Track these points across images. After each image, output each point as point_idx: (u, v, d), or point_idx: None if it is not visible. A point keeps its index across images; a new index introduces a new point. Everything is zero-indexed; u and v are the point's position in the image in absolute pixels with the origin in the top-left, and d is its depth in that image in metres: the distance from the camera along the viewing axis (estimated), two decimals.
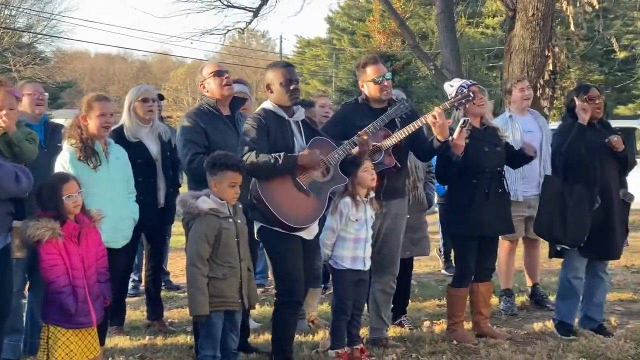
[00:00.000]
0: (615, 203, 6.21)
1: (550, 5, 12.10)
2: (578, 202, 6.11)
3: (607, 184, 6.19)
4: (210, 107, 5.80)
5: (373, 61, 5.92)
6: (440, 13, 15.57)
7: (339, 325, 5.55)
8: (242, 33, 20.18)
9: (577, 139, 6.12)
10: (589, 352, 5.76)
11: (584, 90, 6.40)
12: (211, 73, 5.84)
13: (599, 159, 6.17)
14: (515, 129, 7.29)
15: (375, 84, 5.85)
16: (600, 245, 6.19)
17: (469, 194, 6.06)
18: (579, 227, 6.11)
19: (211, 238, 4.88)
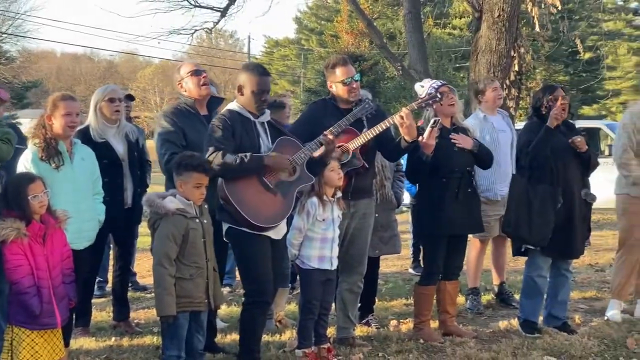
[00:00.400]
0: (577, 203, 6.29)
1: (515, 7, 12.20)
2: (542, 202, 6.18)
3: (569, 184, 6.26)
4: (188, 107, 5.81)
5: (342, 62, 5.94)
6: (407, 14, 15.62)
7: (306, 324, 5.57)
8: (209, 33, 20.10)
9: (543, 140, 6.18)
10: (553, 349, 5.83)
11: (549, 90, 6.47)
12: (189, 72, 5.86)
13: (562, 159, 6.24)
14: (491, 129, 7.36)
15: (344, 85, 5.87)
16: (561, 244, 6.26)
17: (439, 193, 6.10)
18: (543, 227, 6.17)
19: (178, 238, 4.86)
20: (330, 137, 5.39)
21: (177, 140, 5.60)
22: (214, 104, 5.96)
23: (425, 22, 21.50)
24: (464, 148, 6.17)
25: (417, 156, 5.93)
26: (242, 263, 5.25)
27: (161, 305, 4.84)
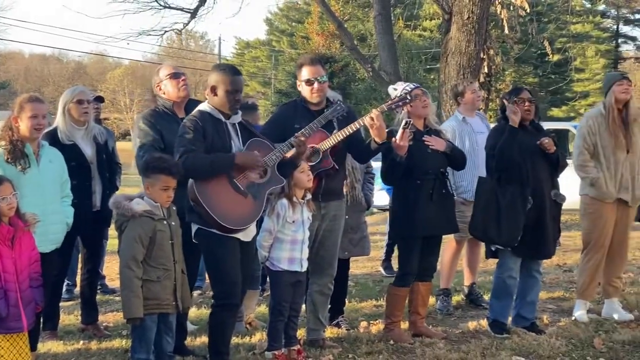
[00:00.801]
0: (547, 203, 6.33)
1: (485, 9, 12.29)
2: (511, 203, 6.22)
3: (539, 185, 6.30)
4: (166, 109, 5.78)
5: (309, 62, 5.94)
6: (377, 15, 15.68)
7: (276, 326, 5.56)
8: (179, 34, 20.03)
9: (508, 141, 6.22)
10: (521, 349, 5.87)
11: (515, 92, 6.51)
12: (168, 75, 5.84)
13: (530, 160, 6.29)
14: (470, 131, 7.42)
15: (307, 85, 5.88)
16: (532, 245, 6.31)
17: (414, 195, 6.12)
18: (512, 228, 6.21)
19: (145, 240, 4.84)
20: (302, 139, 5.39)
21: (155, 143, 5.59)
22: (192, 107, 5.92)
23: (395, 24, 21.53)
24: (438, 150, 6.20)
25: (391, 158, 5.94)
26: (211, 265, 5.23)
27: (128, 307, 4.81)
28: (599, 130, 6.78)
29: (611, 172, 6.77)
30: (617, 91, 6.77)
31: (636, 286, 8.31)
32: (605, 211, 6.81)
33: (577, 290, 7.04)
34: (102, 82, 64.80)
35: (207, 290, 8.03)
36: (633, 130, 6.81)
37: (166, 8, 18.48)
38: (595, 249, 6.84)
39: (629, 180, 6.80)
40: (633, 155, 6.82)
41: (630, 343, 6.01)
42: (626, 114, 6.79)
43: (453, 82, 12.13)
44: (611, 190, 6.76)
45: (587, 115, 7.00)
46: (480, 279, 8.33)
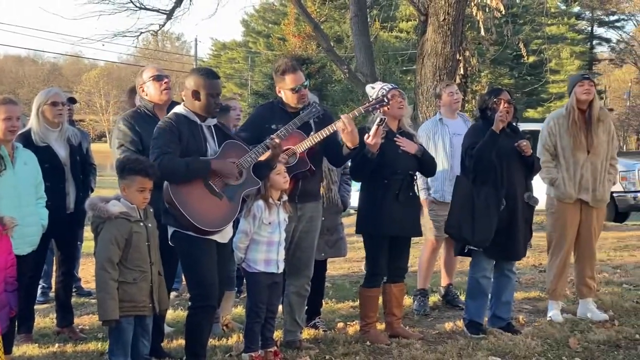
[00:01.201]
0: (519, 205, 6.36)
1: (460, 11, 12.34)
2: (485, 204, 6.25)
3: (513, 186, 6.33)
4: (148, 111, 5.75)
5: (291, 70, 5.91)
6: (353, 17, 15.71)
7: (253, 328, 5.55)
8: (155, 35, 19.95)
9: (488, 144, 6.23)
10: (497, 349, 5.89)
11: (495, 93, 6.54)
12: (151, 77, 5.82)
13: (506, 162, 6.32)
14: (445, 132, 7.44)
15: (293, 93, 5.88)
16: (504, 246, 6.34)
17: (380, 194, 6.14)
18: (485, 229, 6.24)
19: (121, 242, 4.82)
20: (277, 141, 5.38)
21: (134, 144, 5.56)
22: None
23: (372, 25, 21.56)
24: (408, 152, 6.22)
25: (362, 154, 5.95)
26: (188, 267, 5.21)
27: (103, 309, 4.79)
28: (560, 132, 6.83)
29: (570, 173, 6.81)
30: (579, 92, 6.81)
31: (611, 286, 8.38)
32: (566, 211, 6.86)
33: (547, 291, 7.08)
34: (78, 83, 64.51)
35: (183, 292, 8.00)
36: (596, 131, 6.83)
37: (142, 9, 18.42)
38: (558, 248, 6.89)
39: (589, 181, 6.82)
40: (595, 156, 6.84)
41: (606, 343, 6.05)
42: (589, 115, 6.83)
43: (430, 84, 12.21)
44: (570, 191, 6.80)
45: (550, 116, 7.07)
46: (457, 280, 8.36)
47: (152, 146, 5.11)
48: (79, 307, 7.76)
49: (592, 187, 6.84)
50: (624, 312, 7.05)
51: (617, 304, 7.33)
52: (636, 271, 9.40)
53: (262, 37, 53.53)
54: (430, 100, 12.37)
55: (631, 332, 6.29)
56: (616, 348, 5.95)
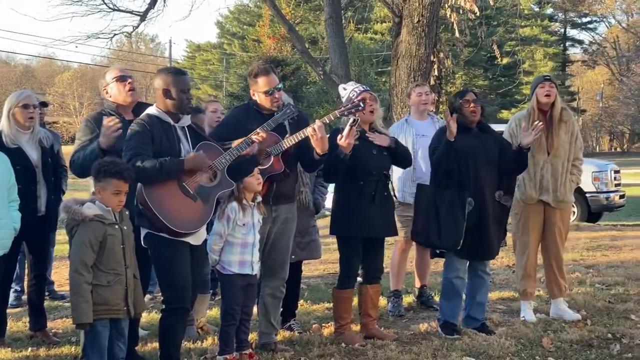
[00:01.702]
0: (489, 205, 6.39)
1: (434, 12, 12.40)
2: (450, 207, 6.27)
3: (481, 186, 6.34)
4: (112, 112, 5.71)
5: (265, 72, 5.92)
6: (328, 18, 15.74)
7: (227, 330, 5.54)
8: (129, 37, 19.85)
9: (445, 153, 6.25)
10: (471, 350, 5.92)
11: (460, 94, 6.57)
12: (114, 78, 5.76)
13: (473, 162, 6.33)
14: (409, 133, 7.45)
15: (267, 96, 5.87)
16: (475, 246, 6.36)
17: (356, 195, 6.15)
18: (452, 232, 6.26)
19: (96, 244, 4.79)
20: (264, 135, 5.39)
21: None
22: (142, 110, 5.85)
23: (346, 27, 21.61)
24: (382, 151, 6.24)
25: (335, 154, 5.96)
26: (161, 269, 5.18)
27: (77, 312, 4.75)
28: (520, 133, 6.86)
29: (530, 174, 6.84)
30: (539, 94, 6.85)
31: (584, 286, 8.45)
32: (528, 213, 6.90)
33: (517, 292, 7.12)
34: (51, 85, 64.05)
35: (158, 294, 7.96)
36: (557, 132, 6.86)
37: (115, 11, 18.33)
38: (522, 250, 6.94)
39: (550, 182, 6.86)
40: (556, 158, 6.87)
41: (578, 342, 6.10)
42: (550, 116, 6.88)
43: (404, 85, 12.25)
44: (530, 192, 6.84)
45: (513, 118, 7.09)
46: (431, 280, 8.39)
47: (125, 148, 5.09)
48: (53, 310, 7.71)
49: (552, 188, 6.86)
50: (596, 312, 7.10)
51: (589, 303, 7.39)
52: (608, 271, 9.49)
53: (237, 38, 53.43)
54: (404, 101, 12.40)
55: (603, 332, 6.34)
56: (589, 347, 6.00)
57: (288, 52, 36.90)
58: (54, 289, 8.64)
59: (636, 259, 10.48)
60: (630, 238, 13.22)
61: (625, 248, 11.90)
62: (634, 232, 14.35)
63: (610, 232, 14.23)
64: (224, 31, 58.64)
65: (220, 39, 59.40)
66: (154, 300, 8.03)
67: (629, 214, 19.48)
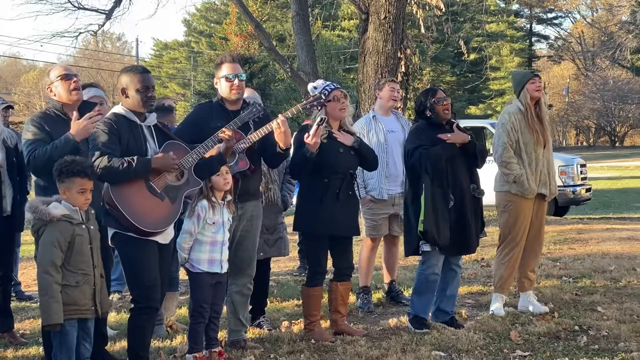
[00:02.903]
0: (467, 199, 6.44)
1: (401, 9, 12.40)
2: (438, 204, 6.30)
3: (458, 182, 6.40)
4: (57, 112, 5.64)
5: (229, 60, 5.93)
6: (295, 16, 15.69)
7: (196, 328, 5.53)
8: (95, 36, 19.70)
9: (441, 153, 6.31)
10: (440, 344, 5.96)
11: (431, 93, 6.60)
12: (59, 76, 5.67)
13: (449, 160, 6.37)
14: (379, 129, 7.46)
15: (227, 81, 5.85)
16: (456, 241, 6.40)
17: (321, 193, 6.16)
18: (444, 228, 6.30)
19: (64, 245, 4.76)
20: (230, 133, 5.38)
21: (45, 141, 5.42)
22: (87, 109, 5.80)
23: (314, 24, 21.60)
24: (349, 150, 6.25)
25: (302, 152, 5.96)
26: (129, 269, 5.16)
27: (48, 313, 4.72)
28: (520, 127, 6.92)
29: (532, 168, 6.92)
30: (531, 89, 6.92)
31: (551, 279, 8.53)
32: (525, 207, 6.96)
33: (494, 284, 7.17)
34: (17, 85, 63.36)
35: (127, 294, 7.92)
36: (546, 126, 7.02)
37: (80, 9, 18.17)
38: (514, 243, 6.98)
39: (546, 175, 6.98)
40: (548, 151, 7.01)
41: (546, 335, 6.16)
42: (539, 111, 6.96)
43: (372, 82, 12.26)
44: (533, 186, 6.91)
45: (508, 112, 7.07)
46: (400, 276, 8.44)
47: (92, 147, 5.06)
48: (20, 311, 7.64)
49: (548, 180, 6.99)
50: (563, 304, 7.18)
51: (556, 296, 7.47)
52: (575, 264, 9.58)
53: (204, 36, 53.22)
54: (372, 98, 12.42)
55: (570, 324, 6.40)
56: (556, 339, 6.06)
57: (255, 50, 36.81)
58: (20, 289, 8.57)
59: (602, 252, 10.60)
60: (596, 231, 13.36)
61: (592, 241, 12.02)
62: (600, 225, 14.50)
63: (577, 225, 14.37)
64: (191, 29, 58.35)
65: (187, 37, 59.11)
66: (123, 299, 7.98)
67: (596, 207, 19.68)
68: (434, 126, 6.44)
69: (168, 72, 58.21)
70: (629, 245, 11.34)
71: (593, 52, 61.06)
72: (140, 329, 5.17)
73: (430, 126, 6.48)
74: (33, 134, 5.49)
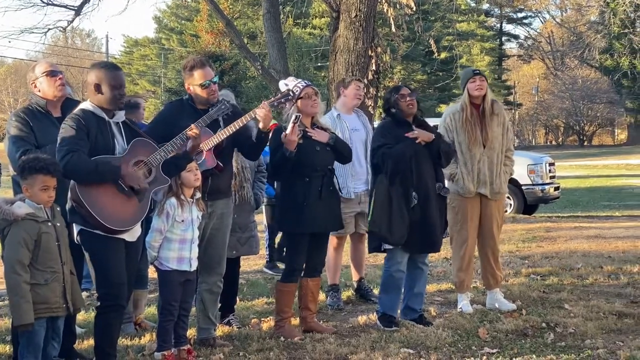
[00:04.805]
0: (432, 198, 6.47)
1: (372, 7, 12.43)
2: (398, 202, 6.33)
3: (423, 180, 6.42)
4: (40, 108, 5.60)
5: (200, 65, 5.87)
6: (266, 13, 15.68)
7: (165, 326, 5.51)
8: (64, 32, 19.55)
9: (403, 151, 6.32)
10: (409, 341, 5.98)
11: (395, 90, 6.62)
12: (44, 72, 5.63)
13: (414, 158, 6.40)
14: (344, 128, 7.45)
15: (203, 88, 5.83)
16: (420, 240, 6.44)
17: (303, 192, 6.17)
18: (400, 227, 6.32)
19: (31, 243, 4.71)
20: (197, 131, 5.35)
21: (29, 139, 5.42)
22: (69, 106, 5.77)
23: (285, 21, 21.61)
24: (325, 147, 6.26)
25: (281, 152, 5.97)
26: (96, 266, 5.11)
27: (19, 314, 4.67)
28: (456, 127, 6.94)
29: (468, 168, 6.95)
30: (471, 88, 6.97)
31: (519, 277, 8.60)
32: (465, 206, 7.00)
33: (454, 284, 7.21)
34: None
35: (95, 291, 7.86)
36: (491, 124, 6.99)
37: (49, 5, 18.03)
38: (460, 242, 7.03)
39: (487, 175, 6.98)
40: (491, 150, 6.99)
41: (513, 332, 6.21)
42: (482, 109, 6.99)
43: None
44: (469, 186, 6.94)
45: (446, 112, 7.14)
46: (370, 273, 8.46)
47: (59, 143, 4.99)
48: None
49: (489, 180, 6.99)
50: (531, 302, 7.24)
51: (524, 293, 7.53)
52: (543, 262, 9.67)
53: (175, 33, 53.00)
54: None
55: (538, 321, 6.46)
56: (523, 336, 6.11)
57: (226, 47, 36.73)
58: None
59: (570, 250, 10.70)
60: (564, 229, 13.49)
61: (560, 239, 12.14)
62: (568, 223, 14.65)
63: (545, 223, 14.50)
64: (161, 26, 58.09)
65: (158, 34, 58.83)
66: (91, 297, 7.93)
67: (564, 205, 19.86)
68: (400, 123, 6.46)
69: (138, 69, 57.94)
70: (596, 243, 11.46)
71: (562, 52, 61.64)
72: (108, 327, 5.14)
73: (396, 124, 6.49)
74: (18, 130, 5.47)
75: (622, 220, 15.47)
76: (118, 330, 5.28)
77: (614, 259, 9.66)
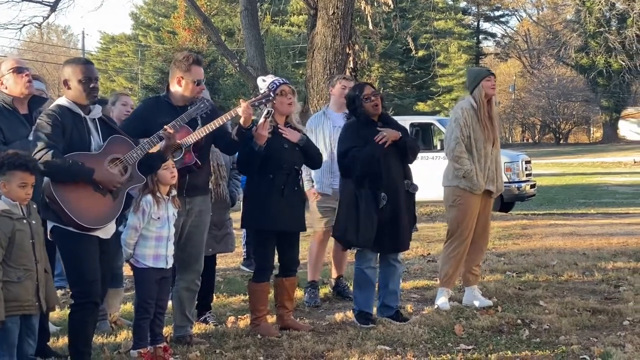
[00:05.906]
0: (401, 197, 6.48)
1: (349, 5, 12.47)
2: (366, 206, 6.33)
3: (392, 179, 6.43)
4: (6, 105, 5.54)
5: (199, 63, 5.92)
6: (243, 10, 15.70)
7: (141, 324, 5.50)
8: (39, 28, 19.41)
9: (370, 154, 6.33)
10: (386, 338, 6.00)
11: (359, 89, 6.61)
12: (11, 69, 5.56)
13: (383, 157, 6.40)
14: (327, 125, 7.50)
15: (195, 85, 5.85)
16: (389, 239, 6.45)
17: (266, 188, 6.16)
18: (368, 230, 6.33)
19: (4, 240, 4.67)
20: (171, 132, 5.33)
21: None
22: (36, 103, 5.72)
23: (263, 19, 21.59)
24: (295, 147, 6.26)
25: (250, 146, 5.96)
26: (69, 263, 5.08)
27: None
28: (472, 123, 6.99)
29: (481, 165, 7.00)
30: (487, 87, 7.00)
31: (495, 274, 8.64)
32: (473, 203, 7.03)
33: (440, 278, 7.24)
34: None
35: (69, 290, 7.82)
36: (495, 124, 7.11)
37: (24, 1, 17.90)
38: (461, 239, 7.05)
39: (494, 172, 7.07)
40: (496, 149, 7.11)
41: (489, 328, 6.24)
42: (490, 109, 7.05)
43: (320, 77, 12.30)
44: (481, 182, 6.99)
45: (461, 107, 7.10)
46: (348, 271, 8.46)
47: (34, 139, 4.96)
48: None
49: (495, 178, 7.07)
50: (506, 299, 7.28)
51: (500, 290, 7.56)
52: (519, 259, 9.72)
53: (152, 30, 52.74)
54: (320, 93, 12.46)
55: (513, 318, 6.50)
56: (499, 333, 6.14)
57: (204, 44, 36.58)
58: None
59: (545, 247, 10.77)
60: (540, 227, 13.58)
61: (536, 236, 12.22)
62: (544, 220, 14.75)
63: (521, 221, 14.58)
64: (138, 22, 57.77)
65: (135, 31, 58.48)
66: (66, 295, 7.88)
67: (540, 203, 19.98)
68: (366, 123, 6.46)
69: (115, 66, 57.61)
70: (572, 240, 11.54)
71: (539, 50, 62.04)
72: (82, 325, 5.11)
73: (362, 124, 6.49)
74: None
75: (597, 217, 15.62)
76: (93, 328, 5.25)
77: (588, 256, 9.73)
